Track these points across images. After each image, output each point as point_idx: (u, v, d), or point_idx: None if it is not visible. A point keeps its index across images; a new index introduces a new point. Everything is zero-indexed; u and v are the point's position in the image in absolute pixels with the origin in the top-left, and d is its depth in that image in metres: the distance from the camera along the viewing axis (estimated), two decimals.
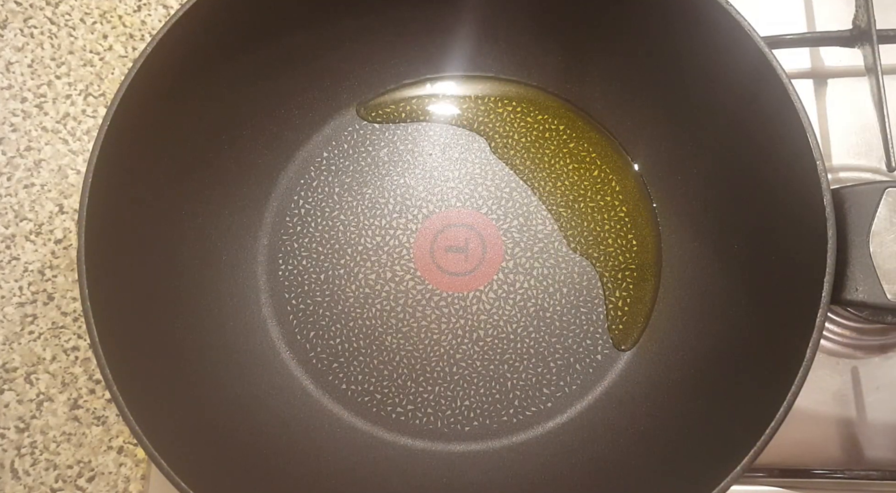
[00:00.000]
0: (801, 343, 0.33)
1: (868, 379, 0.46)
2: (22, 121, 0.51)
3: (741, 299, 0.41)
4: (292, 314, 0.47)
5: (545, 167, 0.48)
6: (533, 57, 0.49)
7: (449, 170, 0.49)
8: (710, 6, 0.38)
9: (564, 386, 0.45)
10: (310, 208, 0.48)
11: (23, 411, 0.47)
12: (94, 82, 0.53)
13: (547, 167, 0.48)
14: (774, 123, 0.37)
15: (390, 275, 0.47)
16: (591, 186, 0.48)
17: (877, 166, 0.49)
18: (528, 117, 0.49)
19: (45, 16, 0.53)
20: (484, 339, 0.46)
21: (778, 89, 0.36)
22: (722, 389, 0.39)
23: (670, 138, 0.46)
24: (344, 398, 0.45)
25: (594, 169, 0.48)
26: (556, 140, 0.49)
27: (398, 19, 0.47)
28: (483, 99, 0.50)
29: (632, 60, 0.45)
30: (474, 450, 0.44)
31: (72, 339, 0.48)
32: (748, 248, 0.41)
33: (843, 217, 0.34)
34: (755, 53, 0.37)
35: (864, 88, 0.47)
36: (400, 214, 0.48)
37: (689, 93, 0.43)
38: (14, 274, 0.49)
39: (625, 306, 0.46)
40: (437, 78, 0.50)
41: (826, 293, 0.33)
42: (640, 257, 0.47)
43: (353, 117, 0.50)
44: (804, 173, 0.35)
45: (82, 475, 0.46)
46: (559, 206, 0.48)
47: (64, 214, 0.50)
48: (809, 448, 0.45)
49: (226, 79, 0.43)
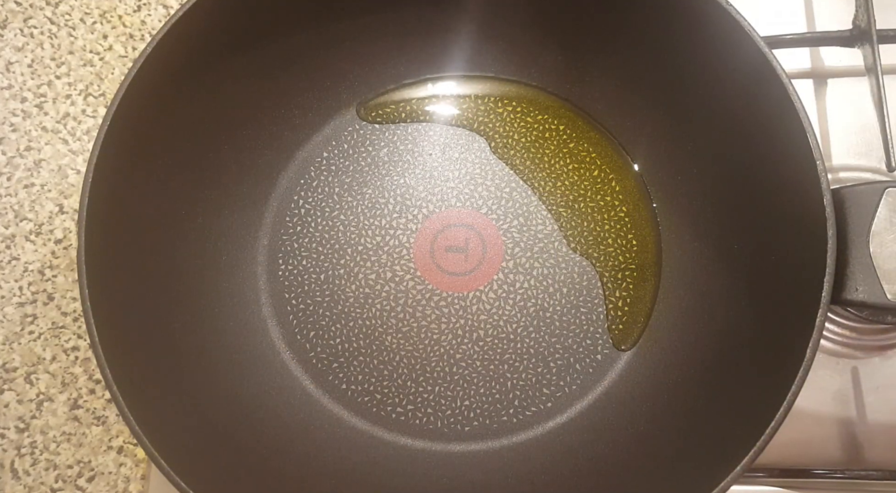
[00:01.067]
0: (801, 343, 0.33)
1: (868, 379, 0.46)
2: (22, 121, 0.51)
3: (741, 299, 0.41)
4: (292, 314, 0.47)
5: (545, 167, 0.48)
6: (533, 57, 0.49)
7: (449, 170, 0.49)
8: (710, 6, 0.38)
9: (564, 386, 0.45)
10: (310, 208, 0.48)
11: (23, 411, 0.47)
12: (94, 82, 0.53)
13: (547, 167, 0.48)
14: (774, 123, 0.37)
15: (390, 275, 0.47)
16: (591, 186, 0.48)
17: (877, 166, 0.49)
18: (528, 117, 0.49)
19: (45, 16, 0.53)
20: (484, 339, 0.46)
21: (778, 89, 0.36)
22: (722, 389, 0.39)
23: (670, 138, 0.46)
24: (344, 398, 0.45)
25: (594, 169, 0.49)
26: (556, 140, 0.49)
27: (398, 19, 0.47)
28: (483, 99, 0.50)
29: (632, 60, 0.45)
30: (474, 450, 0.44)
31: (72, 339, 0.48)
32: (748, 248, 0.41)
33: (843, 217, 0.34)
34: (755, 53, 0.37)
35: (864, 88, 0.47)
36: (400, 214, 0.48)
37: (689, 93, 0.43)
38: (14, 274, 0.49)
39: (625, 306, 0.46)
40: (437, 78, 0.50)
41: (826, 293, 0.33)
42: (640, 257, 0.47)
43: (353, 117, 0.50)
44: (804, 173, 0.35)
45: (82, 475, 0.46)
46: (559, 206, 0.48)
47: (64, 214, 0.50)
48: (809, 448, 0.45)
49: (226, 79, 0.43)
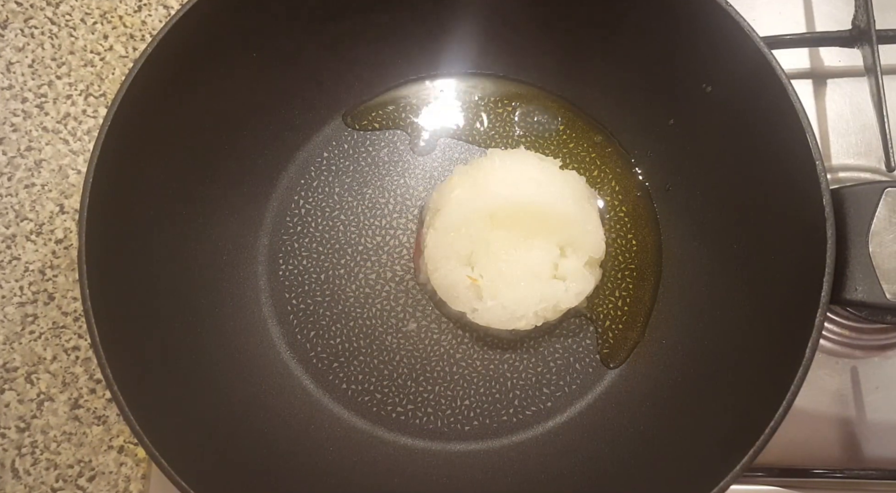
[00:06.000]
0: (800, 343, 0.33)
1: (867, 379, 0.46)
2: (22, 121, 0.51)
3: (741, 299, 0.41)
4: (292, 314, 0.47)
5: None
6: (533, 57, 0.49)
7: (449, 170, 0.49)
8: (710, 6, 0.38)
9: (564, 386, 0.45)
10: (310, 208, 0.48)
11: (23, 410, 0.47)
12: (95, 82, 0.53)
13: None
14: (774, 123, 0.37)
15: (390, 275, 0.47)
16: (591, 186, 0.48)
17: (876, 166, 0.49)
18: (528, 117, 0.49)
19: (46, 16, 0.53)
20: (484, 339, 0.46)
21: (777, 89, 0.36)
22: (722, 388, 0.40)
23: (670, 139, 0.46)
24: (344, 398, 0.45)
25: (594, 169, 0.49)
26: (556, 140, 0.49)
27: (398, 19, 0.47)
28: (483, 99, 0.50)
29: (632, 60, 0.45)
30: (474, 449, 0.44)
31: (72, 339, 0.48)
32: (748, 248, 0.41)
33: (843, 217, 0.35)
34: (755, 53, 0.37)
35: (864, 88, 0.47)
36: (400, 214, 0.48)
37: (689, 93, 0.43)
38: (15, 274, 0.49)
39: (624, 306, 0.46)
40: (437, 77, 0.50)
41: (826, 293, 0.33)
42: (640, 257, 0.47)
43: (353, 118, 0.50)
44: (804, 173, 0.35)
45: (83, 474, 0.46)
46: None
47: (64, 214, 0.50)
48: (809, 448, 0.45)
49: (226, 79, 0.43)
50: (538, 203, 0.43)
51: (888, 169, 0.43)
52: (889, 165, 0.43)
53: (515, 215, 0.43)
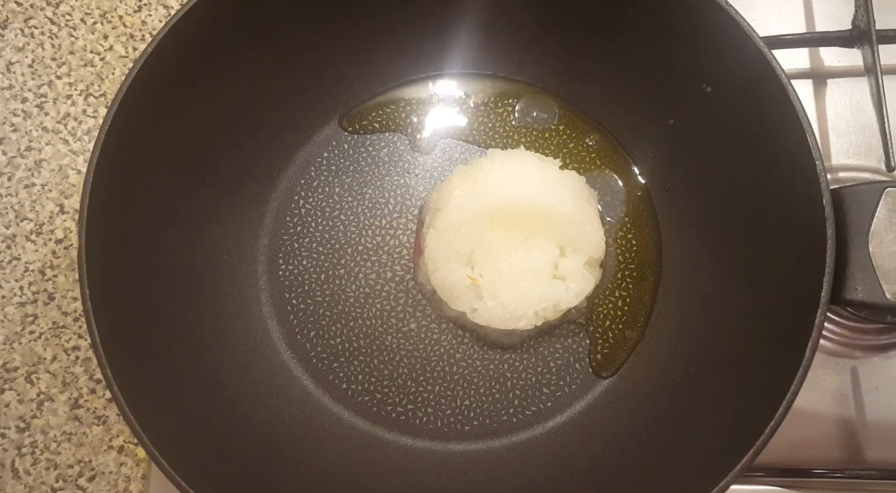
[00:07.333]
0: (800, 343, 0.33)
1: (867, 379, 0.46)
2: (22, 121, 0.51)
3: (741, 299, 0.41)
4: (293, 314, 0.47)
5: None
6: (533, 57, 0.49)
7: (449, 170, 0.49)
8: (710, 6, 0.38)
9: (564, 386, 0.45)
10: (310, 208, 0.48)
11: (23, 410, 0.47)
12: (95, 82, 0.53)
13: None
14: (774, 123, 0.37)
15: (390, 275, 0.47)
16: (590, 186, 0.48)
17: (876, 166, 0.49)
18: (528, 117, 0.49)
19: (46, 16, 0.53)
20: (484, 338, 0.46)
21: (777, 89, 0.36)
22: (722, 389, 0.40)
23: (670, 138, 0.46)
24: (344, 398, 0.45)
25: (594, 169, 0.49)
26: (556, 140, 0.49)
27: (398, 19, 0.47)
28: (483, 99, 0.50)
29: (631, 60, 0.45)
30: (474, 449, 0.44)
31: (72, 339, 0.48)
32: (748, 248, 0.41)
33: (843, 217, 0.35)
34: (755, 53, 0.37)
35: (864, 88, 0.47)
36: (400, 214, 0.48)
37: (689, 93, 0.43)
38: (15, 274, 0.49)
39: (625, 306, 0.46)
40: (437, 76, 0.50)
41: (826, 293, 0.33)
42: (640, 257, 0.47)
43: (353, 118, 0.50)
44: (804, 173, 0.35)
45: (83, 474, 0.46)
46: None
47: (64, 214, 0.50)
48: (809, 448, 0.45)
49: (226, 79, 0.43)
50: (538, 203, 0.43)
51: (888, 169, 0.43)
52: (889, 165, 0.43)
53: (515, 215, 0.43)
